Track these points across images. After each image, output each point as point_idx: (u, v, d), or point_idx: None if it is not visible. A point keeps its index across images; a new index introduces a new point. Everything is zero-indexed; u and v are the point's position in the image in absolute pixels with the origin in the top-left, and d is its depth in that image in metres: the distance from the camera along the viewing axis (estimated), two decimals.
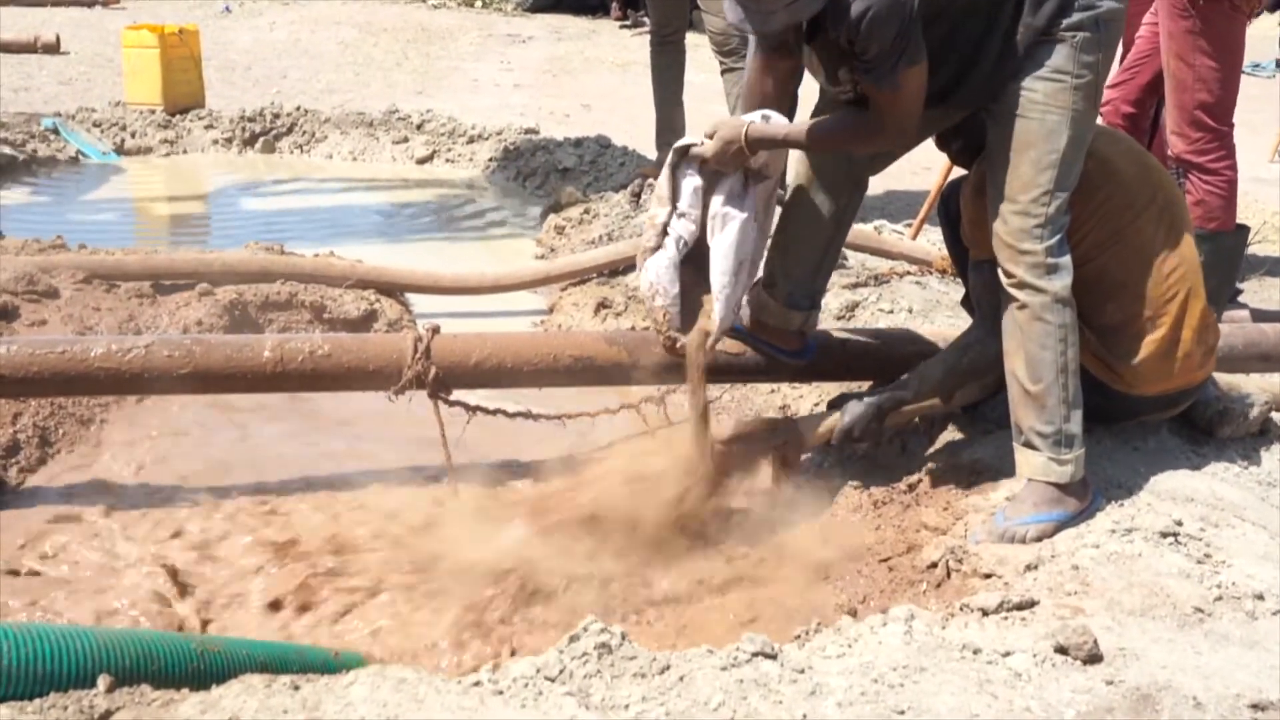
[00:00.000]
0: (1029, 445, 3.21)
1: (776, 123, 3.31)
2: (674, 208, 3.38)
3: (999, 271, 3.21)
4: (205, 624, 3.01)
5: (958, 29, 3.09)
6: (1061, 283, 3.13)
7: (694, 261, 3.40)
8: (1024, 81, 3.10)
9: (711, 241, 3.37)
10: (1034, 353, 3.16)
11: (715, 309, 3.38)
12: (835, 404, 3.63)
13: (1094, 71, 3.12)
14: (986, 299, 3.48)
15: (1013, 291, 3.17)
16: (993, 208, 3.18)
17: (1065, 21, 3.07)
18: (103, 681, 2.07)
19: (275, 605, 3.11)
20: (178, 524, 3.46)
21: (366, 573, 3.24)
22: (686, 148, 3.38)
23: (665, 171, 3.39)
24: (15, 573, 3.16)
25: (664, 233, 3.38)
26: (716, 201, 3.37)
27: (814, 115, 3.49)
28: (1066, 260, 3.15)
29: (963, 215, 3.50)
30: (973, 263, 3.53)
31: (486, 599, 3.13)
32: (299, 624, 3.05)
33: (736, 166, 3.36)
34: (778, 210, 3.64)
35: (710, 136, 3.34)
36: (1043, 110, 3.09)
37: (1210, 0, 4.49)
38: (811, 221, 3.60)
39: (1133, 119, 5.35)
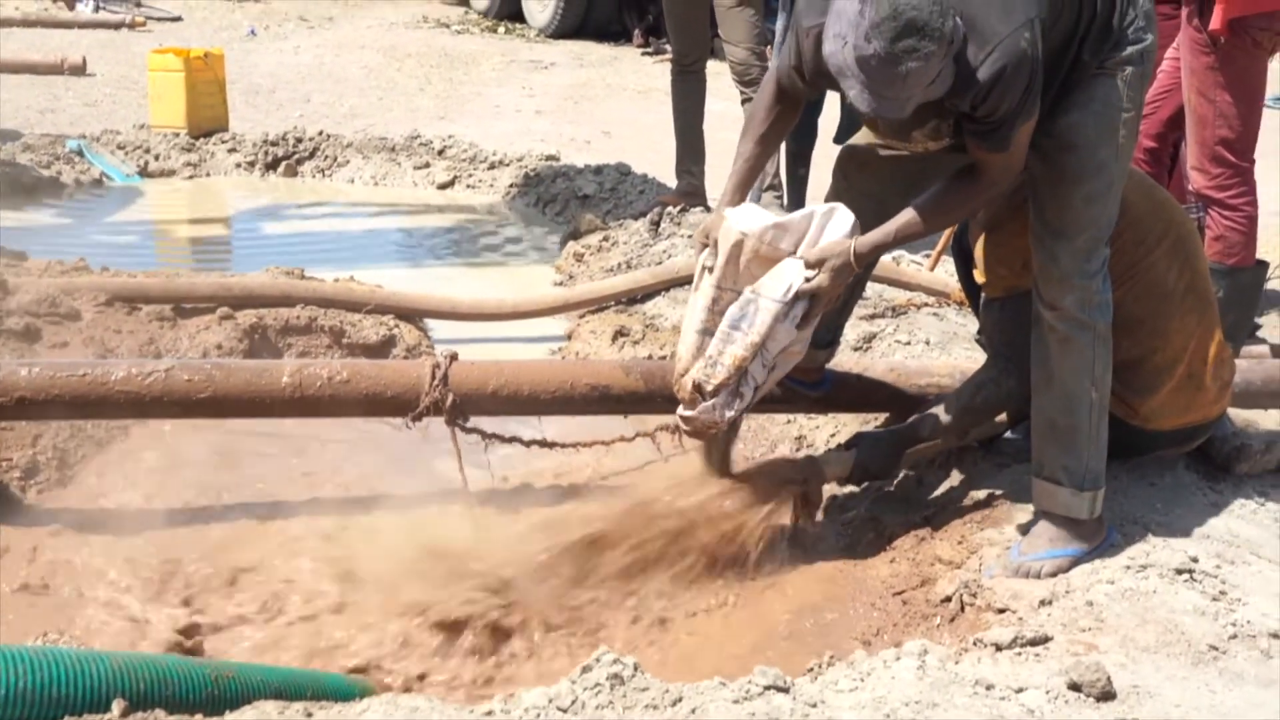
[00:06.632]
0: (1051, 479, 3.19)
1: (872, 230, 3.16)
2: (764, 357, 3.18)
3: (1039, 305, 3.16)
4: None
5: None
6: (1105, 320, 3.12)
7: None
8: (1074, 115, 3.07)
9: (770, 375, 3.26)
10: (1070, 387, 3.14)
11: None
12: (852, 442, 3.62)
13: (1136, 106, 3.11)
14: (999, 337, 3.48)
15: (1057, 325, 3.13)
16: (1040, 243, 3.13)
17: (1117, 56, 3.05)
18: (117, 706, 2.09)
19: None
20: (187, 546, 3.48)
21: (375, 594, 3.24)
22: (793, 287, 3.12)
23: (768, 319, 3.12)
24: (24, 591, 3.18)
25: (742, 376, 3.16)
26: (795, 341, 3.23)
27: (846, 156, 3.49)
28: (1110, 297, 3.14)
29: (975, 254, 3.50)
30: (985, 300, 3.53)
31: (492, 621, 3.14)
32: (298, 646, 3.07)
33: (841, 288, 3.25)
34: None
35: (813, 267, 3.12)
36: (1094, 144, 3.06)
37: (1232, 37, 4.50)
38: None
39: (1154, 154, 5.34)
